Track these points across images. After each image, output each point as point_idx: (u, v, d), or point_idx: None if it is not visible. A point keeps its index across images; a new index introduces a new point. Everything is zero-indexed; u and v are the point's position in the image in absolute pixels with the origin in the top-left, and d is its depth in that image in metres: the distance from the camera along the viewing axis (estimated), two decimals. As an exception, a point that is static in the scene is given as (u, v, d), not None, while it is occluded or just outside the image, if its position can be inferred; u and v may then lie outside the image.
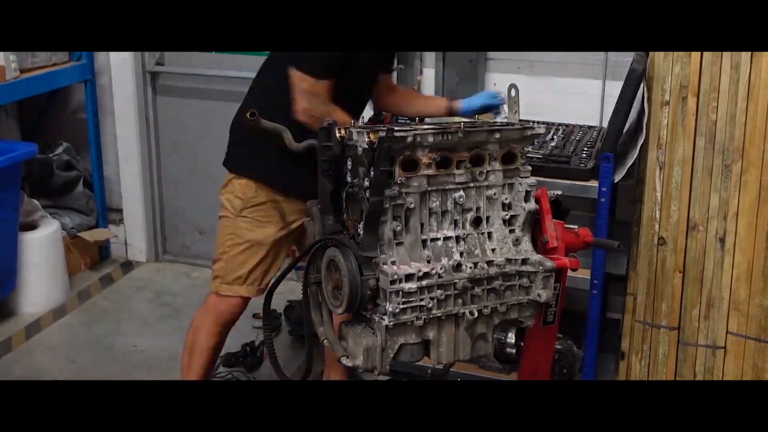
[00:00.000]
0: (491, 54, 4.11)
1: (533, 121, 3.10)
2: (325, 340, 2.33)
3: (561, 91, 4.01)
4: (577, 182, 3.32)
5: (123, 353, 4.13)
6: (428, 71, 4.22)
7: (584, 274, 3.34)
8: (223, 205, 3.20)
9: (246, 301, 3.27)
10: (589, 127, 3.87)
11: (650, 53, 3.35)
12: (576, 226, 2.47)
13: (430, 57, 4.20)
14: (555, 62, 4.01)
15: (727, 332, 3.40)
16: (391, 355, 2.21)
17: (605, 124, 3.62)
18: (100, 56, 4.84)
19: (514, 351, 2.44)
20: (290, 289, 4.53)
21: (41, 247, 4.50)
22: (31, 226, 4.52)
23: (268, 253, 3.20)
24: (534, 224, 2.34)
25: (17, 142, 4.67)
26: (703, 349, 3.44)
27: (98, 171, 4.96)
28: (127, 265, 5.09)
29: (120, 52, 4.71)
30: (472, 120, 3.25)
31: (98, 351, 4.16)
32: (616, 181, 3.32)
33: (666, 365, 3.51)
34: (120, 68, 4.81)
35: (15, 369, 3.98)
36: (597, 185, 3.29)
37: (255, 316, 4.37)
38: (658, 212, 3.40)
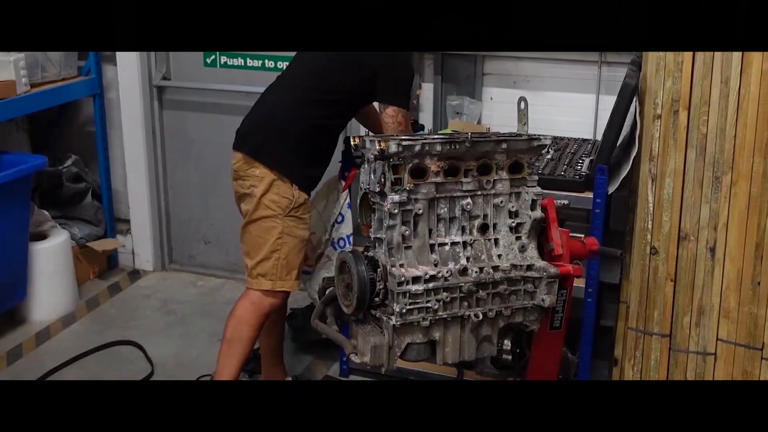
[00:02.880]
0: (487, 69, 4.12)
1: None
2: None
3: (556, 105, 4.01)
4: (573, 193, 3.32)
5: (130, 360, 4.11)
6: (427, 86, 4.23)
7: (579, 282, 3.33)
8: (267, 206, 3.22)
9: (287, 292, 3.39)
10: (584, 140, 3.88)
11: (642, 69, 3.36)
12: (583, 235, 2.48)
13: (428, 72, 4.21)
14: (550, 77, 4.02)
15: (717, 339, 3.40)
16: (398, 354, 2.22)
17: (599, 137, 3.63)
18: (108, 71, 4.84)
19: (510, 357, 2.46)
20: (293, 298, 4.52)
21: (51, 256, 4.48)
22: (41, 236, 4.51)
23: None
24: (540, 232, 2.34)
25: (28, 155, 4.65)
26: (694, 355, 3.44)
27: (106, 182, 4.96)
28: (135, 274, 5.07)
29: (126, 52, 4.73)
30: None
31: (106, 357, 4.14)
32: (610, 192, 3.33)
33: (658, 371, 3.51)
34: (127, 83, 4.81)
35: (25, 374, 3.95)
36: (592, 196, 3.30)
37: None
38: (650, 222, 3.40)
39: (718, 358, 3.40)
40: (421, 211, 2.21)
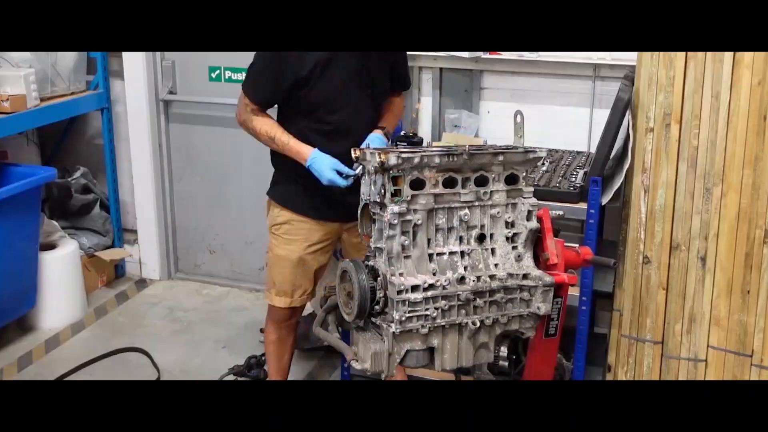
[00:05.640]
0: (485, 83, 4.13)
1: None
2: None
3: (551, 119, 4.02)
4: (567, 204, 3.33)
5: (137, 366, 4.11)
6: (426, 100, 4.25)
7: (573, 291, 3.34)
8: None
9: (284, 310, 3.33)
10: (578, 153, 3.89)
11: (635, 83, 3.37)
12: (577, 245, 2.48)
13: (427, 86, 4.23)
14: (545, 91, 4.03)
15: (708, 346, 3.40)
16: (398, 360, 2.23)
17: (593, 150, 3.64)
18: (116, 86, 4.86)
19: (506, 364, 2.46)
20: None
21: (60, 265, 4.49)
22: (51, 246, 4.52)
23: (295, 269, 3.23)
24: (536, 241, 2.35)
25: (37, 167, 4.67)
26: (685, 362, 3.44)
27: (114, 194, 4.97)
28: (142, 283, 5.08)
29: (133, 68, 4.78)
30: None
31: (114, 364, 4.14)
32: (603, 203, 3.33)
33: (650, 377, 3.51)
34: (135, 97, 4.82)
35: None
36: (586, 207, 3.30)
37: (262, 330, 4.35)
38: (643, 233, 3.41)
39: (709, 364, 3.41)
40: (420, 221, 2.21)
